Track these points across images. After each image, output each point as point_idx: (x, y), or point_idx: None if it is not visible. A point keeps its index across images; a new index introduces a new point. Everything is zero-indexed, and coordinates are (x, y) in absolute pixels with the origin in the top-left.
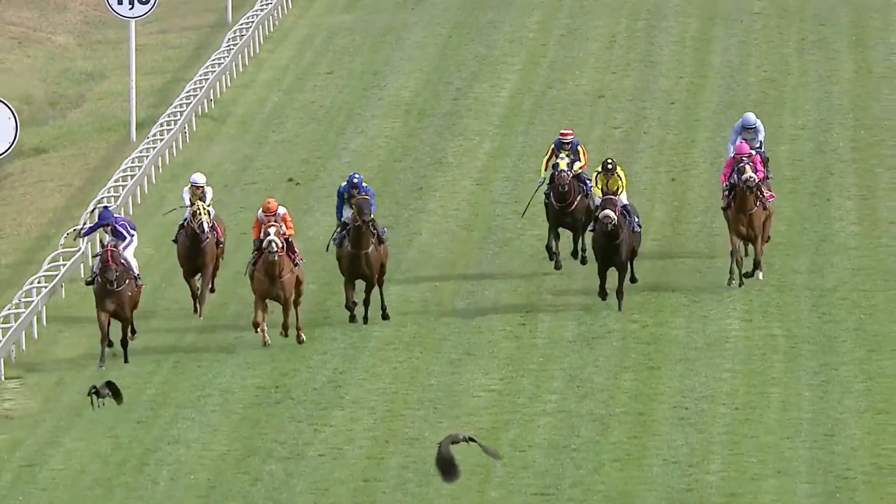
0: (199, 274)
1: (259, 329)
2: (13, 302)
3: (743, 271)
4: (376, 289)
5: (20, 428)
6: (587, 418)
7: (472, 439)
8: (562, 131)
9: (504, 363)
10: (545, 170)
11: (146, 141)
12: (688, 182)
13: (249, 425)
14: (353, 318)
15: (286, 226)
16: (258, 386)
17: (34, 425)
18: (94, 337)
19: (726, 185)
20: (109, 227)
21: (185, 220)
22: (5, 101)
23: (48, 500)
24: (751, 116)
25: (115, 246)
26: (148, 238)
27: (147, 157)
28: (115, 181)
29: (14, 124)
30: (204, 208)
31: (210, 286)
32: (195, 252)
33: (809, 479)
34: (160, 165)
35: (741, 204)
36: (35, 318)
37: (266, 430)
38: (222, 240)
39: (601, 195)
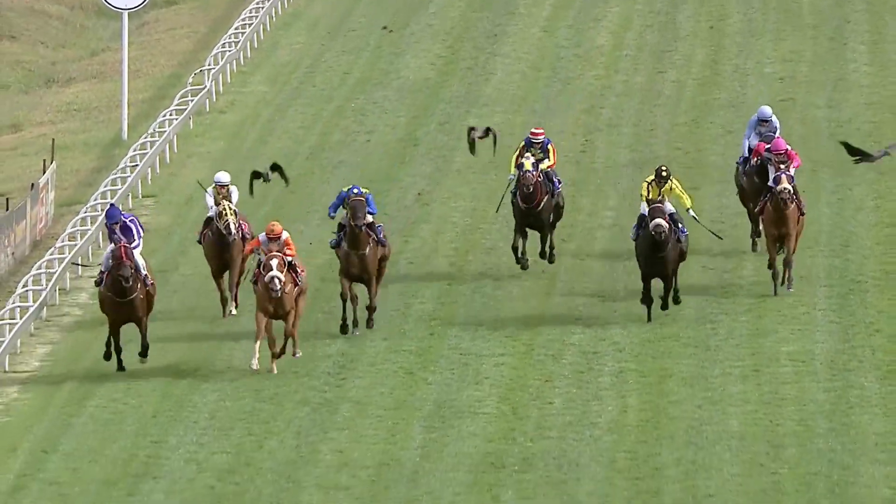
0: (227, 272)
1: (256, 351)
2: (149, 131)
3: (778, 281)
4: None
5: (156, 239)
6: None
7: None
8: (532, 130)
9: (567, 183)
10: (514, 167)
11: None
12: (724, 30)
13: None
14: (344, 329)
15: (288, 250)
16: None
17: (167, 237)
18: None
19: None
20: (118, 225)
21: (210, 217)
22: None
23: (179, 301)
24: (767, 109)
25: (129, 243)
26: (264, 77)
27: (262, 7)
28: (235, 28)
29: None
30: (230, 208)
31: (237, 282)
32: (222, 248)
33: (827, 283)
34: (273, 15)
35: (776, 205)
36: (169, 145)
37: None
38: (248, 235)
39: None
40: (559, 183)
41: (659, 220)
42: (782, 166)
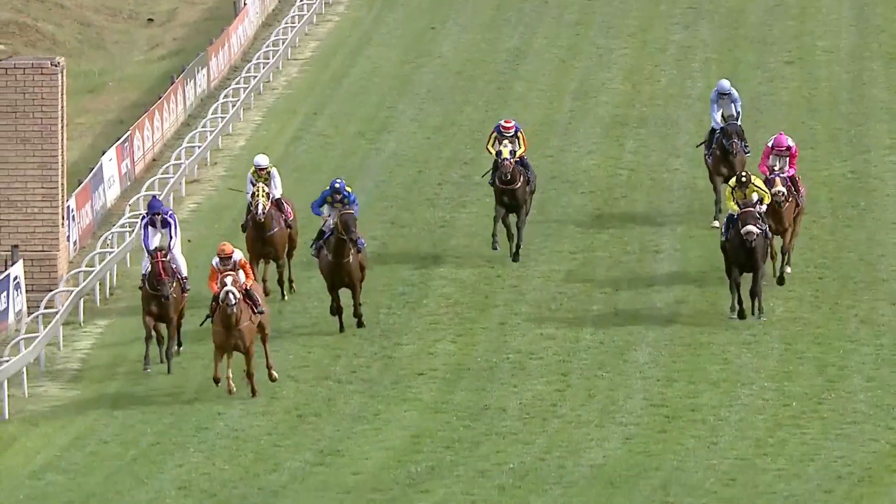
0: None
1: (222, 380)
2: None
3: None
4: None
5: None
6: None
7: None
8: (502, 124)
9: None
10: (491, 149)
11: None
12: None
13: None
14: (342, 328)
15: (245, 273)
16: (466, 60)
17: (356, 25)
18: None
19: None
20: (160, 217)
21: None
22: None
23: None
24: (725, 84)
25: (165, 255)
26: None
27: None
28: None
29: None
30: (263, 190)
31: (288, 270)
32: (261, 239)
33: (849, 59)
34: None
35: (772, 205)
36: None
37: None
38: (291, 220)
39: (737, 209)
40: (531, 175)
41: (750, 227)
42: (776, 168)
